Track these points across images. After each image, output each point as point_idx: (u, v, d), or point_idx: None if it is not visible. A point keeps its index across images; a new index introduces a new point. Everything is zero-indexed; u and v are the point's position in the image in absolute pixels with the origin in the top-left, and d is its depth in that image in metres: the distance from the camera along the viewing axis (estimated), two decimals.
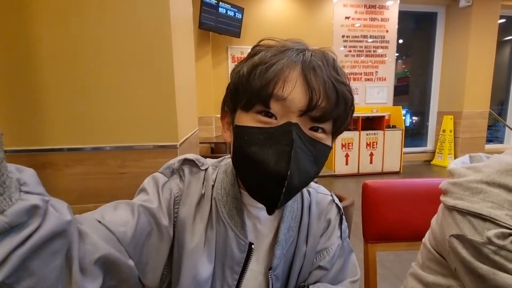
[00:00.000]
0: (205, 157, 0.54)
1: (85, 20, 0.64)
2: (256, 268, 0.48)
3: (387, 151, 4.06)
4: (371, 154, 4.04)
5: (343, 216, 0.53)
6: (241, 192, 0.48)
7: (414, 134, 5.20)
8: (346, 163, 4.00)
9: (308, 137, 0.39)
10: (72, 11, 0.63)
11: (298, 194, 0.51)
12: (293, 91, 0.38)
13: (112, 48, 0.66)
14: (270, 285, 0.47)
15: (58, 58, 0.64)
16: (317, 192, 0.53)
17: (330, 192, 0.55)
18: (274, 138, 0.38)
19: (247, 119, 0.40)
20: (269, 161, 0.37)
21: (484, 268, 0.39)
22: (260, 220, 0.48)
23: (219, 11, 3.45)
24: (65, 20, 0.63)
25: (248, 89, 0.40)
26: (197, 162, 0.49)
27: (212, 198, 0.47)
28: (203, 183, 0.48)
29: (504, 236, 0.38)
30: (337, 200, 0.54)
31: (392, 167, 4.10)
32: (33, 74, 0.63)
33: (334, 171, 3.94)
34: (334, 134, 0.44)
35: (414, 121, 5.27)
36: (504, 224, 0.38)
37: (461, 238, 0.42)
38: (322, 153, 0.41)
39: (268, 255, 0.48)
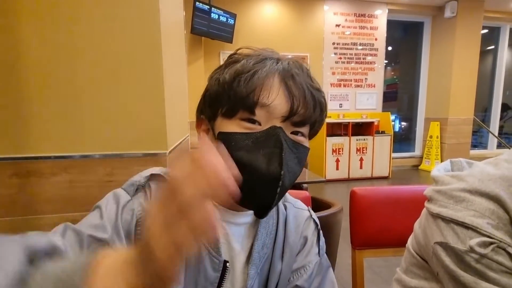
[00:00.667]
0: None
1: (73, 26, 0.64)
2: (231, 287, 0.45)
3: (377, 156, 4.13)
4: (361, 159, 4.11)
5: (321, 232, 0.53)
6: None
7: (403, 140, 5.31)
8: (337, 168, 4.05)
9: (291, 140, 0.40)
10: (59, 18, 0.63)
11: (274, 210, 0.49)
12: (276, 98, 0.39)
13: (99, 55, 0.65)
14: None
15: (45, 64, 0.63)
16: (294, 206, 0.52)
17: (307, 207, 0.54)
18: (262, 142, 0.39)
19: (230, 126, 0.40)
20: (261, 164, 0.37)
21: (466, 276, 0.40)
22: (233, 237, 0.46)
23: (212, 16, 3.47)
24: (52, 27, 0.62)
25: (231, 96, 0.40)
26: (165, 176, 0.44)
27: None
28: None
29: (485, 245, 0.39)
30: (314, 216, 0.53)
31: (381, 172, 4.17)
32: (19, 80, 0.62)
33: (325, 176, 3.98)
34: (310, 136, 0.46)
35: (403, 126, 5.39)
36: (485, 233, 0.39)
37: (444, 245, 0.44)
38: (303, 155, 0.43)
39: (242, 273, 0.46)
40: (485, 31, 4.93)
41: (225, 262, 0.43)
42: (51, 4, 0.62)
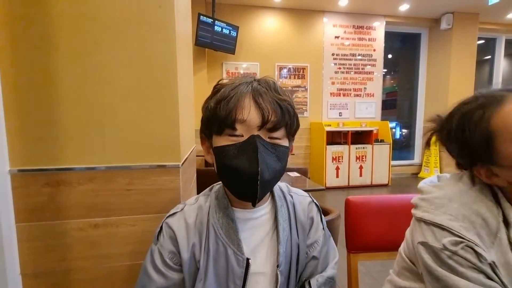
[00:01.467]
0: (199, 170, 0.64)
1: (98, 50, 0.72)
2: (261, 269, 0.56)
3: (376, 164, 4.20)
4: (361, 167, 4.17)
5: (321, 211, 0.65)
6: (235, 211, 0.57)
7: (403, 147, 5.37)
8: (337, 176, 4.11)
9: (268, 143, 0.51)
10: (87, 43, 0.71)
11: (283, 200, 0.61)
12: (250, 114, 0.50)
13: (121, 76, 0.73)
14: (279, 279, 0.55)
15: (74, 88, 0.71)
16: (298, 195, 0.65)
17: (308, 193, 0.67)
18: (243, 148, 0.50)
19: (221, 141, 0.52)
20: (244, 166, 0.49)
21: (439, 271, 0.48)
22: (256, 229, 0.58)
23: (215, 29, 3.60)
24: (81, 51, 0.71)
25: (217, 119, 0.52)
26: (175, 210, 0.60)
27: (210, 225, 0.56)
28: (196, 214, 0.58)
29: (456, 243, 0.47)
30: (314, 200, 0.66)
31: (381, 180, 4.23)
32: (52, 102, 0.71)
33: (325, 184, 4.04)
34: (290, 135, 0.56)
35: (403, 133, 5.46)
36: (457, 234, 0.47)
37: (424, 244, 0.51)
38: (282, 152, 0.53)
39: (269, 256, 0.57)
40: (482, 41, 5.06)
41: (248, 259, 0.53)
42: (81, 31, 0.71)
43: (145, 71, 0.74)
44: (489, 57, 5.25)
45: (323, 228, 0.64)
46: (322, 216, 0.66)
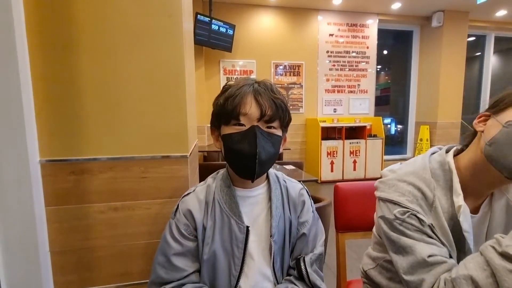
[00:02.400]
0: (200, 164, 0.76)
1: (117, 52, 0.81)
2: (258, 238, 0.68)
3: (369, 159, 4.34)
4: (355, 162, 4.31)
5: (310, 196, 0.77)
6: (236, 190, 0.69)
7: (397, 143, 5.52)
8: (331, 170, 4.25)
9: (265, 132, 0.64)
10: (108, 48, 0.80)
11: (278, 183, 0.73)
12: (251, 108, 0.63)
13: (136, 75, 0.82)
14: (272, 247, 0.67)
15: (96, 84, 0.80)
16: (291, 181, 0.77)
17: (299, 181, 0.79)
18: (245, 135, 0.63)
19: (228, 130, 0.65)
20: (245, 148, 0.62)
21: (393, 235, 0.60)
22: (255, 205, 0.70)
23: (212, 27, 3.68)
24: (102, 53, 0.80)
25: (225, 112, 0.65)
26: (189, 191, 0.72)
27: (216, 200, 0.69)
28: (206, 192, 0.71)
29: (404, 213, 0.59)
30: (305, 187, 0.78)
31: (374, 174, 4.37)
32: (78, 100, 0.81)
33: (320, 178, 4.18)
34: (283, 126, 0.69)
35: (399, 129, 5.61)
36: (404, 206, 0.59)
37: (383, 217, 0.63)
38: (276, 140, 0.67)
39: (265, 228, 0.69)
40: (472, 38, 5.20)
41: (247, 227, 0.66)
42: (101, 37, 0.81)
43: (157, 73, 0.85)
44: (479, 54, 5.40)
45: (313, 211, 0.76)
46: (312, 201, 0.78)
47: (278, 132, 0.67)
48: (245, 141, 0.62)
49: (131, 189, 0.86)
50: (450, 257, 0.58)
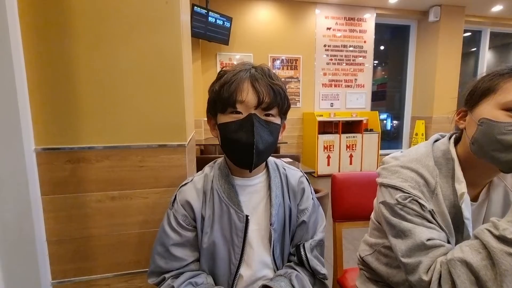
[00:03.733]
0: (196, 158, 0.74)
1: (114, 42, 0.79)
2: (258, 227, 0.68)
3: (365, 153, 4.37)
4: (351, 156, 4.34)
5: (310, 184, 0.77)
6: (234, 179, 0.69)
7: (391, 137, 5.56)
8: (328, 164, 4.27)
9: (263, 120, 0.62)
10: (105, 36, 0.79)
11: (277, 172, 0.72)
12: (248, 95, 0.60)
13: (134, 64, 0.80)
14: (272, 236, 0.67)
15: (93, 73, 0.79)
16: (291, 169, 0.76)
17: (299, 168, 0.78)
18: (242, 124, 0.60)
19: (225, 118, 0.62)
20: (242, 138, 0.59)
21: (394, 220, 0.61)
22: (254, 194, 0.69)
23: (209, 20, 3.63)
24: (99, 44, 0.78)
25: (221, 99, 0.62)
26: (186, 181, 0.71)
27: (214, 190, 0.67)
28: (204, 181, 0.69)
29: (405, 198, 0.59)
30: (305, 175, 0.77)
31: (370, 168, 4.41)
32: (73, 87, 0.79)
33: (317, 172, 4.20)
34: (282, 114, 0.66)
35: (394, 124, 5.64)
36: (406, 191, 0.60)
37: (383, 202, 0.64)
38: (274, 128, 0.64)
39: (264, 216, 0.69)
40: (468, 34, 5.22)
41: (247, 216, 0.65)
42: (98, 23, 0.79)
43: (154, 60, 0.83)
44: (475, 49, 5.43)
45: (313, 198, 0.76)
46: (312, 188, 0.77)
47: (277, 120, 0.64)
48: (242, 130, 0.60)
49: (128, 178, 0.85)
50: (449, 242, 0.59)
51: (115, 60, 0.81)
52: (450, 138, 0.67)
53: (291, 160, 2.16)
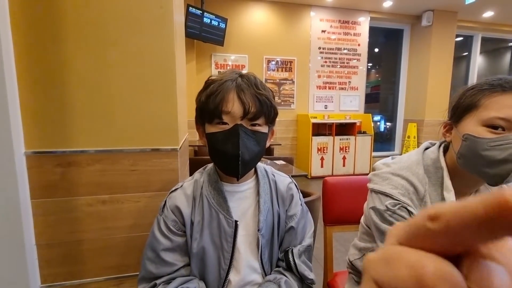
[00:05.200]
0: (190, 159, 0.74)
1: (107, 44, 0.79)
2: (246, 232, 0.69)
3: (358, 155, 4.42)
4: (344, 158, 4.38)
5: (299, 190, 0.78)
6: (224, 185, 0.69)
7: (386, 140, 5.63)
8: (321, 166, 4.30)
9: (249, 130, 0.63)
10: (99, 39, 0.78)
11: (266, 178, 0.73)
12: (234, 106, 0.61)
13: (127, 68, 0.80)
14: (260, 241, 0.68)
15: (85, 77, 0.79)
16: (280, 175, 0.77)
17: (288, 175, 0.79)
18: (228, 136, 0.61)
19: (212, 128, 0.63)
20: (228, 149, 0.60)
21: (383, 225, 0.62)
22: (241, 200, 0.70)
23: (204, 20, 3.63)
24: (92, 45, 0.78)
25: (208, 110, 0.62)
26: (176, 187, 0.71)
27: (203, 196, 0.68)
28: (193, 187, 0.70)
29: (395, 205, 0.61)
30: (294, 181, 0.78)
31: (362, 170, 4.45)
32: (65, 90, 0.79)
33: (310, 173, 4.22)
34: (269, 122, 0.67)
35: (388, 127, 5.71)
36: (396, 198, 0.61)
37: (374, 208, 0.65)
38: (261, 137, 0.65)
39: (253, 222, 0.70)
40: (460, 38, 5.31)
41: (236, 221, 0.66)
42: (92, 27, 0.79)
43: (147, 65, 0.84)
44: (466, 53, 5.53)
45: (301, 204, 0.77)
46: (301, 194, 0.78)
47: (264, 129, 0.65)
48: (228, 141, 0.61)
49: (119, 182, 0.85)
50: None
51: (107, 62, 0.81)
52: (440, 146, 0.69)
53: (284, 162, 2.17)
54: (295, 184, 0.78)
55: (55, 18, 0.76)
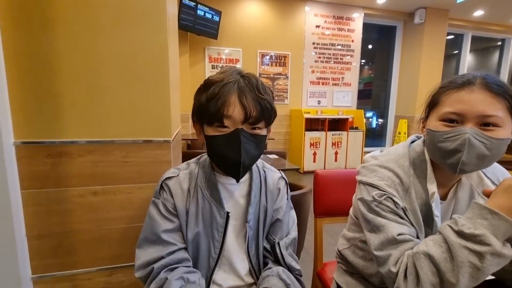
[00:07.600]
0: (183, 152, 0.74)
1: (98, 33, 0.77)
2: (235, 222, 0.71)
3: (350, 150, 4.48)
4: (336, 153, 4.43)
5: (288, 185, 0.79)
6: (217, 177, 0.71)
7: (378, 136, 5.70)
8: (314, 161, 4.34)
9: (249, 134, 0.63)
10: (89, 28, 0.76)
11: (258, 173, 0.75)
12: (235, 111, 0.60)
13: (118, 57, 0.79)
14: (247, 232, 0.70)
15: (76, 66, 0.76)
16: (270, 170, 0.78)
17: (279, 170, 0.80)
18: (229, 140, 0.61)
19: (212, 131, 0.63)
20: (229, 154, 0.61)
21: (369, 215, 0.64)
22: (235, 192, 0.72)
23: (198, 13, 3.58)
24: (82, 34, 0.76)
25: (208, 113, 0.61)
26: (172, 175, 0.70)
27: (198, 186, 0.69)
28: (189, 178, 0.71)
29: (381, 195, 0.63)
30: (284, 175, 0.79)
31: (354, 164, 4.52)
32: (55, 79, 0.77)
33: (303, 168, 4.27)
34: (269, 124, 0.68)
35: (380, 123, 5.78)
36: (381, 189, 0.64)
37: (361, 199, 0.67)
38: (260, 140, 0.66)
39: (243, 214, 0.71)
40: (451, 37, 5.39)
41: (227, 212, 0.68)
42: (81, 16, 0.77)
43: (139, 54, 0.83)
44: (457, 52, 5.62)
45: (287, 198, 0.79)
46: (289, 189, 0.80)
47: (263, 132, 0.65)
48: (228, 145, 0.60)
49: (111, 173, 0.85)
50: (417, 237, 0.63)
51: (98, 52, 0.79)
52: (424, 140, 0.71)
53: (277, 156, 2.19)
54: (284, 179, 0.80)
55: (44, 6, 0.75)
